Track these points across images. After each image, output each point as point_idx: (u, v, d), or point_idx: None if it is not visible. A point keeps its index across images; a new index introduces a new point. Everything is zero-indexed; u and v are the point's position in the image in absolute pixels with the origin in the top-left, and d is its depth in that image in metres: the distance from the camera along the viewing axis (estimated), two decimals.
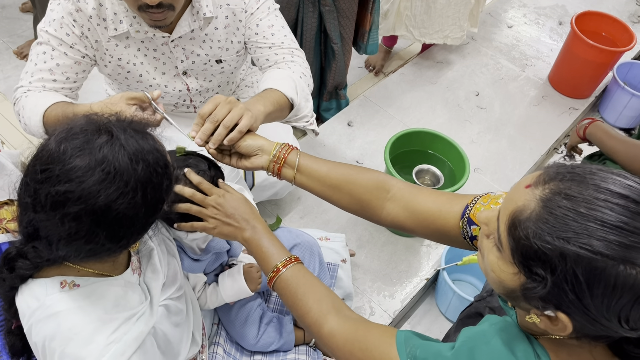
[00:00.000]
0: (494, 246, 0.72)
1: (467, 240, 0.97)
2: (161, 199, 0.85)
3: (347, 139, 2.46)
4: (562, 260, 0.62)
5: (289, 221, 2.10)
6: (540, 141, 2.57)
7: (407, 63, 2.95)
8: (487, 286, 1.33)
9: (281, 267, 1.01)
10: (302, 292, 0.98)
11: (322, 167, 1.08)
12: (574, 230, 0.61)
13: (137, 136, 0.83)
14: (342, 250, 1.61)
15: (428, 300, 2.07)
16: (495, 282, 0.73)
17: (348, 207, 1.10)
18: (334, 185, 1.07)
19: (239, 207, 1.06)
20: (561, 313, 0.65)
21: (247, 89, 1.86)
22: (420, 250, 2.09)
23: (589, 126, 1.80)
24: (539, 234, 0.63)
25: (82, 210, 0.77)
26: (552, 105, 2.75)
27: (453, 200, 1.01)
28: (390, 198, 1.06)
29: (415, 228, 1.04)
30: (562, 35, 3.16)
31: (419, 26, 2.62)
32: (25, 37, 2.85)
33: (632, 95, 2.64)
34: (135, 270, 1.01)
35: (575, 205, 0.62)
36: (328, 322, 0.93)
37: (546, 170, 0.69)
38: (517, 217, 0.66)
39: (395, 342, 0.83)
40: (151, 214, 0.84)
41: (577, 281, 0.61)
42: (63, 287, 0.88)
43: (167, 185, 0.85)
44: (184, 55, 1.49)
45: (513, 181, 2.38)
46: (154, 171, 0.82)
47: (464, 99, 2.72)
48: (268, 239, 1.05)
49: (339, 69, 2.33)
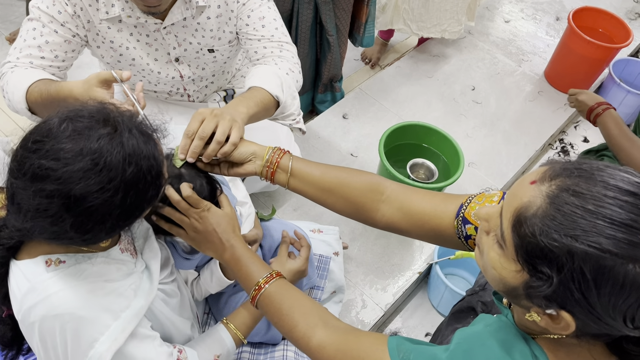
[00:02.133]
0: (495, 243, 0.71)
1: (461, 239, 0.97)
2: (140, 207, 0.84)
3: (342, 132, 2.45)
4: (569, 258, 0.60)
5: (282, 213, 2.10)
6: (535, 136, 2.57)
7: (403, 56, 2.94)
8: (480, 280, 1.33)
9: (263, 283, 0.99)
10: (287, 306, 0.96)
11: (315, 171, 1.07)
12: (582, 228, 0.60)
13: (140, 138, 0.82)
14: (335, 243, 1.60)
15: (420, 294, 2.07)
16: (495, 279, 0.72)
17: (342, 210, 1.09)
18: (328, 189, 1.06)
19: (220, 224, 1.04)
20: (564, 312, 0.64)
21: (243, 79, 1.84)
22: (413, 243, 2.09)
23: (604, 113, 1.78)
24: (546, 231, 0.62)
25: (56, 191, 0.76)
26: (547, 101, 2.75)
27: (447, 200, 1.00)
28: (384, 200, 1.05)
29: (409, 229, 1.03)
30: (559, 31, 3.15)
31: (417, 20, 2.61)
32: (18, 23, 2.82)
33: (628, 92, 2.64)
34: (125, 251, 1.00)
35: (584, 203, 0.61)
36: (316, 334, 0.91)
37: (552, 166, 0.67)
38: (523, 213, 0.65)
39: (387, 348, 0.82)
40: (125, 218, 0.83)
41: (584, 280, 0.60)
42: (49, 265, 0.88)
43: (151, 195, 0.84)
44: (176, 43, 1.47)
45: (507, 176, 2.39)
46: (143, 177, 0.81)
47: (460, 93, 2.72)
48: (247, 257, 1.03)
49: (334, 61, 2.31)
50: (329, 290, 1.56)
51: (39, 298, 0.85)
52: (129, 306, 0.92)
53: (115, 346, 0.88)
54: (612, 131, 1.74)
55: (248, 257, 1.03)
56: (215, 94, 1.78)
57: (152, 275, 1.01)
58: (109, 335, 0.88)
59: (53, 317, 0.85)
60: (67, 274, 0.88)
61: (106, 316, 0.89)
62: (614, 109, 1.83)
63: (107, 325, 0.88)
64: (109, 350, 0.88)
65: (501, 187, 2.35)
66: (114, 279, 0.93)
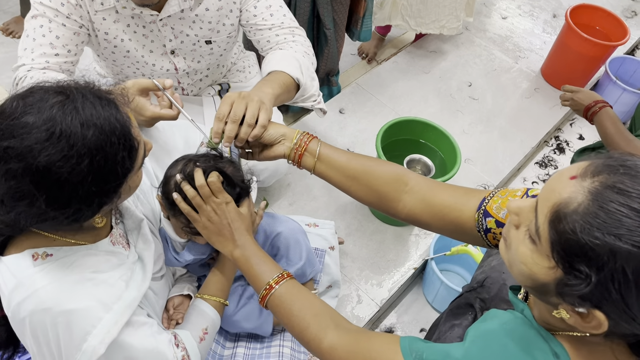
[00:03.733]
0: (526, 238, 0.69)
1: (481, 233, 0.96)
2: (114, 172, 0.81)
3: (339, 127, 2.44)
4: (611, 257, 0.59)
5: (277, 208, 2.09)
6: (531, 133, 2.57)
7: (400, 51, 2.93)
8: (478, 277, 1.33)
9: (274, 284, 0.99)
10: (297, 307, 0.96)
11: (342, 157, 1.08)
12: (627, 227, 0.58)
13: (97, 102, 0.80)
14: (331, 238, 1.59)
15: (415, 290, 2.07)
16: (523, 274, 0.70)
17: (365, 198, 1.10)
18: (353, 176, 1.07)
19: (236, 220, 1.06)
20: (598, 311, 0.63)
21: (239, 73, 1.83)
22: (408, 239, 2.09)
23: (600, 111, 1.78)
24: (588, 228, 0.60)
25: (21, 169, 0.75)
26: (544, 98, 2.75)
27: (470, 193, 1.01)
28: (408, 191, 1.05)
29: (430, 221, 1.04)
30: (555, 29, 3.15)
31: (415, 16, 2.60)
32: (12, 13, 2.78)
33: (624, 90, 2.65)
34: (117, 243, 0.99)
35: (629, 201, 0.60)
36: (328, 336, 0.91)
37: (593, 162, 0.65)
38: (562, 209, 0.63)
39: (400, 348, 0.82)
40: (101, 185, 0.80)
41: (625, 280, 0.59)
42: (35, 259, 0.87)
43: (122, 157, 0.81)
44: (172, 35, 1.45)
45: (503, 173, 2.39)
46: (107, 140, 0.78)
47: (457, 89, 2.71)
48: (258, 257, 1.04)
49: (331, 55, 2.30)
50: (324, 284, 1.56)
51: (27, 293, 0.84)
52: (120, 297, 0.91)
53: (108, 338, 0.87)
54: (608, 129, 1.74)
55: (259, 256, 1.04)
56: (209, 88, 1.76)
57: (146, 267, 1.00)
58: (102, 327, 0.87)
59: (42, 311, 0.84)
60: (55, 267, 0.87)
61: (97, 308, 0.87)
62: (610, 107, 1.83)
63: (99, 318, 0.87)
64: (103, 342, 0.87)
65: (496, 183, 2.35)
66: (103, 270, 0.92)
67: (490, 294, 1.23)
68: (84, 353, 0.86)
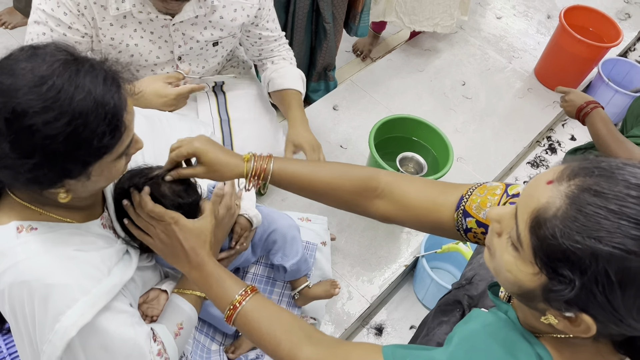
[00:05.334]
0: (509, 245, 0.68)
1: (460, 232, 0.95)
2: (89, 142, 0.79)
3: (332, 123, 2.44)
4: (593, 260, 0.59)
5: (269, 203, 2.09)
6: (523, 133, 2.59)
7: (395, 49, 2.93)
8: (466, 274, 1.34)
9: (238, 302, 0.93)
10: (266, 324, 0.91)
11: (303, 179, 1.02)
12: (606, 229, 0.58)
13: (101, 74, 0.80)
14: (323, 233, 1.60)
15: (406, 287, 2.08)
16: (509, 282, 0.70)
17: (335, 207, 1.07)
18: (317, 194, 1.04)
19: (189, 238, 0.97)
20: (585, 315, 0.62)
21: (233, 69, 1.84)
22: (400, 236, 2.10)
23: (592, 112, 1.79)
24: (568, 233, 0.60)
25: (2, 103, 0.75)
26: (537, 98, 2.76)
27: (447, 191, 0.98)
28: (379, 195, 1.02)
29: (406, 221, 1.01)
30: (549, 29, 3.16)
31: (409, 13, 2.60)
32: (5, 4, 2.76)
33: (616, 91, 2.67)
34: (107, 227, 0.98)
35: (606, 203, 0.59)
36: (302, 351, 0.87)
37: (569, 165, 0.65)
38: (542, 215, 0.63)
39: (383, 356, 0.80)
40: (70, 149, 0.78)
41: (608, 282, 0.59)
42: (20, 232, 0.87)
43: (103, 131, 0.79)
44: (182, 41, 1.46)
45: (495, 172, 2.40)
46: (94, 110, 0.78)
47: (450, 88, 2.72)
48: (219, 273, 0.97)
49: (329, 50, 2.30)
50: (315, 280, 1.56)
51: (8, 264, 0.84)
52: (100, 281, 0.90)
53: (82, 321, 0.86)
54: (600, 130, 1.76)
55: (219, 273, 0.97)
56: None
57: (132, 258, 1.00)
58: (76, 309, 0.86)
59: (21, 284, 0.84)
60: (38, 241, 0.87)
61: (75, 289, 0.87)
62: (602, 108, 1.84)
63: (75, 299, 0.86)
64: (75, 325, 0.86)
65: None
66: (87, 249, 0.91)
67: (478, 290, 1.24)
68: (55, 333, 0.86)
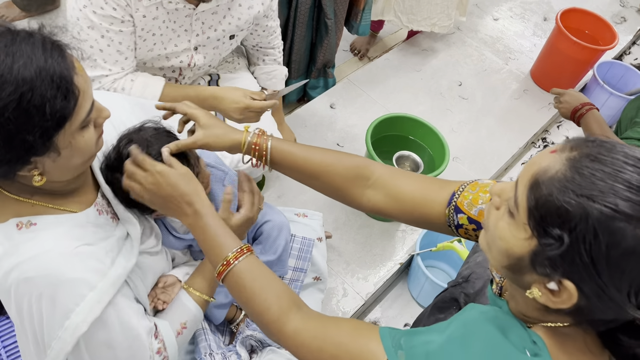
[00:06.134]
0: (505, 213, 0.71)
1: (452, 228, 0.96)
2: (41, 110, 0.76)
3: (329, 121, 2.45)
4: (584, 218, 0.61)
5: (266, 199, 2.09)
6: (519, 134, 2.60)
7: (392, 49, 2.94)
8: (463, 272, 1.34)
9: (232, 259, 0.89)
10: (258, 286, 0.88)
11: (298, 158, 1.02)
12: (600, 189, 0.61)
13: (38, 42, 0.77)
14: (319, 229, 1.60)
15: (400, 285, 2.09)
16: (501, 251, 0.71)
17: (326, 193, 1.07)
18: (311, 176, 1.03)
19: (178, 186, 0.94)
20: (568, 281, 0.64)
21: (227, 64, 1.84)
22: (395, 235, 2.11)
23: (587, 113, 1.81)
24: (564, 191, 0.62)
25: None
26: (532, 100, 2.78)
27: (438, 186, 0.98)
28: (370, 185, 1.02)
29: (397, 214, 1.01)
30: (546, 32, 3.18)
31: (408, 12, 2.61)
32: None
33: (610, 94, 2.69)
34: (104, 213, 0.98)
35: (603, 167, 0.62)
36: (291, 319, 0.85)
37: (573, 138, 0.68)
38: (541, 176, 0.65)
39: (379, 333, 0.79)
40: (23, 120, 0.76)
41: (596, 242, 0.60)
42: (20, 228, 0.86)
43: (53, 95, 0.76)
44: (200, 30, 1.49)
45: (490, 172, 2.41)
46: (38, 75, 0.75)
47: (447, 88, 2.73)
48: (215, 226, 0.93)
49: (330, 46, 2.30)
50: (310, 276, 1.57)
51: (13, 263, 0.84)
52: (105, 275, 0.90)
53: (91, 317, 0.87)
54: (594, 132, 1.77)
55: (215, 225, 0.93)
56: (200, 79, 1.77)
57: (133, 243, 0.99)
58: (84, 305, 0.86)
59: (27, 283, 0.84)
60: (41, 238, 0.86)
61: (82, 285, 0.86)
62: (597, 110, 1.86)
63: (82, 295, 0.86)
64: (85, 321, 0.86)
65: None
66: (90, 242, 0.91)
67: (474, 289, 1.25)
68: (66, 329, 0.86)
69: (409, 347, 0.75)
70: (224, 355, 1.28)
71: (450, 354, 0.72)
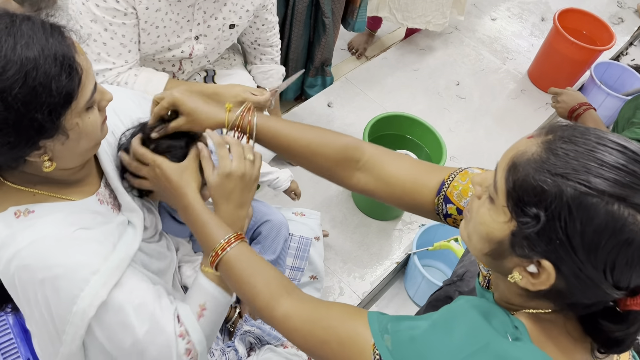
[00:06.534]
0: (486, 200, 0.73)
1: (440, 216, 0.97)
2: (47, 88, 0.77)
3: (326, 120, 2.44)
4: (558, 195, 0.63)
5: (262, 198, 2.09)
6: (516, 134, 2.60)
7: (390, 48, 2.94)
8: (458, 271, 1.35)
9: (220, 250, 0.92)
10: (247, 274, 0.90)
11: (285, 138, 1.01)
12: (574, 168, 0.63)
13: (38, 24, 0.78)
14: (317, 228, 1.61)
15: (397, 284, 2.09)
16: (482, 237, 0.73)
17: (314, 172, 1.06)
18: (298, 156, 1.02)
19: (172, 180, 0.96)
20: (546, 261, 0.66)
21: (223, 60, 1.85)
22: (392, 234, 2.11)
23: (584, 113, 1.82)
24: (539, 170, 0.65)
25: None
26: (529, 100, 2.78)
27: (429, 172, 0.99)
28: (360, 167, 1.02)
29: (386, 198, 1.01)
30: (543, 32, 3.19)
31: (402, 9, 2.61)
32: None
33: (607, 94, 2.69)
34: (105, 202, 0.97)
35: (577, 147, 0.65)
36: (281, 304, 0.86)
37: (549, 125, 0.71)
38: (518, 158, 0.68)
39: (368, 319, 0.80)
40: (30, 99, 0.76)
41: (570, 218, 0.62)
42: (17, 217, 0.86)
43: (58, 72, 0.77)
44: (202, 19, 1.49)
45: None
46: (40, 54, 0.76)
47: (444, 88, 2.74)
48: (204, 219, 0.95)
49: (327, 44, 2.30)
50: (307, 275, 1.57)
51: (12, 252, 0.83)
52: (107, 258, 0.88)
53: (98, 300, 0.86)
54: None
55: (204, 218, 0.95)
56: (196, 74, 1.77)
57: (137, 230, 0.98)
58: (90, 289, 0.85)
59: (27, 271, 0.83)
60: (39, 225, 0.86)
61: (84, 269, 0.86)
62: (594, 110, 1.86)
63: (86, 280, 0.85)
64: (92, 305, 0.85)
65: None
66: (89, 226, 0.90)
67: (469, 287, 1.25)
68: (74, 315, 0.85)
69: (394, 331, 0.76)
70: (222, 351, 1.29)
71: (433, 338, 0.74)
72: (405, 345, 0.74)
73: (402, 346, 0.74)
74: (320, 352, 0.82)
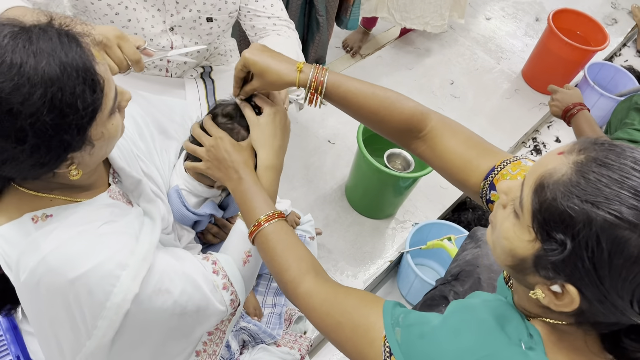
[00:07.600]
0: (511, 213, 0.71)
1: (483, 200, 0.96)
2: (73, 105, 0.76)
3: (320, 118, 2.44)
4: (587, 224, 0.60)
5: None
6: (509, 133, 2.61)
7: (385, 46, 2.94)
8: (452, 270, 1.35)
9: (263, 221, 0.98)
10: (281, 248, 0.95)
11: (354, 100, 1.02)
12: (605, 196, 0.60)
13: (54, 35, 0.76)
14: (310, 229, 1.60)
15: (390, 283, 2.09)
16: (505, 251, 0.71)
17: (378, 133, 1.08)
18: (365, 119, 1.05)
19: (231, 153, 1.05)
20: (570, 285, 0.64)
21: (220, 57, 1.83)
22: (385, 232, 2.10)
23: (578, 113, 1.82)
24: (568, 196, 0.61)
25: None
26: (523, 99, 2.79)
27: (482, 155, 0.98)
28: (421, 138, 1.03)
29: (438, 170, 1.04)
30: (537, 32, 3.20)
31: (401, 10, 2.61)
32: None
33: (601, 95, 2.70)
34: (117, 199, 0.97)
35: (610, 172, 0.61)
36: (305, 281, 0.90)
37: (581, 141, 0.67)
38: (546, 179, 0.65)
39: (382, 308, 0.81)
40: (58, 119, 0.75)
41: (598, 249, 0.60)
42: (35, 222, 0.85)
43: (82, 90, 0.76)
44: (175, 10, 1.45)
45: None
46: (63, 71, 0.74)
47: (439, 87, 2.74)
48: (254, 191, 1.02)
49: (322, 42, 2.29)
50: None
51: (38, 259, 0.81)
52: (133, 252, 0.88)
53: (131, 295, 0.86)
54: (584, 132, 1.78)
55: (254, 191, 1.02)
56: (192, 70, 1.75)
57: (155, 221, 0.98)
58: (121, 286, 0.85)
59: (56, 273, 0.82)
60: (59, 228, 0.84)
61: (112, 265, 0.85)
62: (588, 110, 1.86)
63: (116, 276, 0.85)
64: (126, 299, 0.85)
65: None
66: (111, 220, 0.90)
67: (464, 287, 1.25)
68: (109, 310, 0.85)
69: (406, 325, 0.77)
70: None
71: (441, 338, 0.73)
72: (414, 341, 0.74)
73: (411, 342, 0.75)
74: (334, 335, 0.85)
